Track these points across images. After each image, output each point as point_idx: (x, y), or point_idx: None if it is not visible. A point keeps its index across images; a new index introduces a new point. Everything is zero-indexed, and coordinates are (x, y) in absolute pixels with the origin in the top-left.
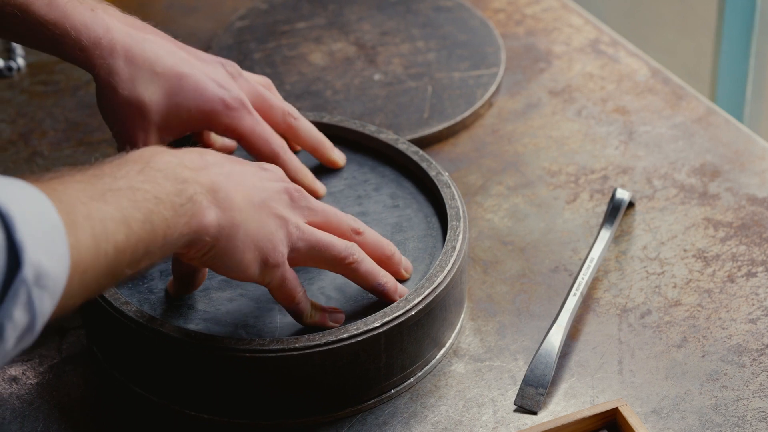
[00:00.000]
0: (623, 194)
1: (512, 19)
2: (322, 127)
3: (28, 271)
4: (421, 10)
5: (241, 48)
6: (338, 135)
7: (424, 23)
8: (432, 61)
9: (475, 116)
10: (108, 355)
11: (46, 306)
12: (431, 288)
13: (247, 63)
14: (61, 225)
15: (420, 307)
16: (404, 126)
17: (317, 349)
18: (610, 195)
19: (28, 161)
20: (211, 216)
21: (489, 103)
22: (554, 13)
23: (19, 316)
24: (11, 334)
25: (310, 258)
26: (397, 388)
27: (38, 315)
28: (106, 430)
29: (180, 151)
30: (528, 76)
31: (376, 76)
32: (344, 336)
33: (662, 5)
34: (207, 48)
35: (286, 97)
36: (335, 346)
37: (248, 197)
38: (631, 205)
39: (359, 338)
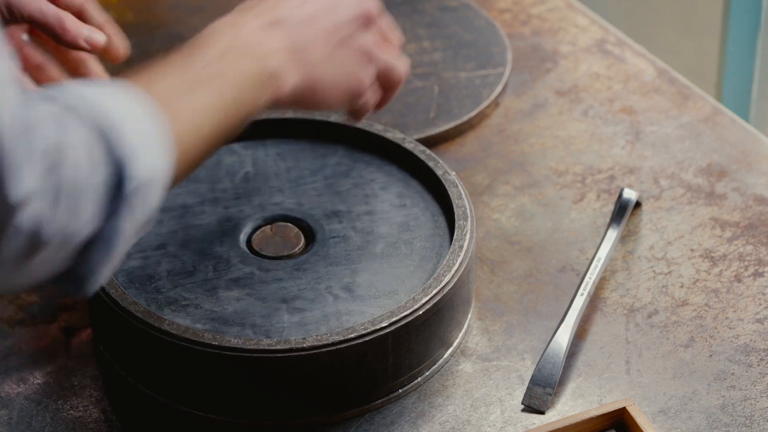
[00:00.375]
0: (630, 194)
1: (518, 19)
2: (328, 126)
3: (131, 184)
4: (427, 10)
5: None
6: (345, 134)
7: (430, 23)
8: (438, 60)
9: (482, 116)
10: (115, 354)
11: (152, 202)
12: (439, 287)
13: None
14: (165, 123)
15: (428, 306)
16: (411, 125)
17: (325, 349)
18: (616, 195)
19: None
20: (293, 81)
21: (495, 103)
22: (560, 13)
23: (126, 226)
24: (120, 242)
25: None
26: (405, 388)
27: (146, 212)
28: (114, 430)
29: (258, 11)
30: (534, 75)
31: None
32: (352, 336)
33: (664, 5)
34: None
35: None
36: (343, 346)
37: (326, 41)
38: (637, 204)
39: (367, 338)
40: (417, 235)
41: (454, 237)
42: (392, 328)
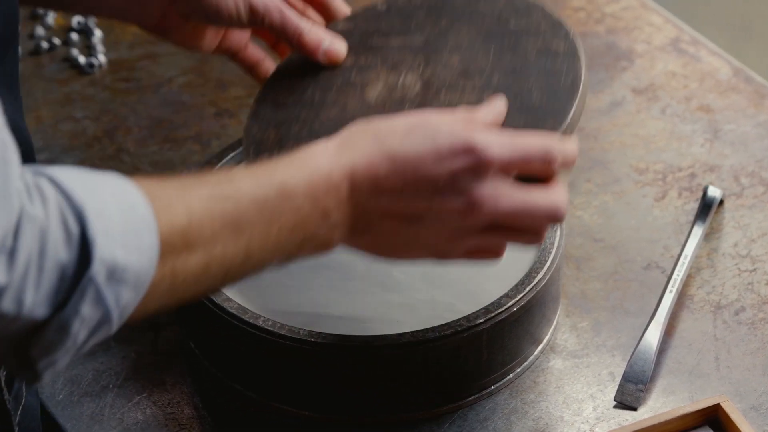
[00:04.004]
0: (715, 192)
1: (592, 18)
2: None
3: (97, 267)
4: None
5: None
6: None
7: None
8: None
9: None
10: (206, 351)
11: (126, 298)
12: (532, 284)
13: (305, 83)
14: (152, 221)
15: (521, 303)
16: None
17: (421, 346)
18: (698, 192)
19: (114, 158)
20: (339, 243)
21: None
22: (634, 12)
23: (87, 311)
24: (79, 329)
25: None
26: (497, 385)
27: (112, 309)
28: (205, 425)
29: (355, 163)
30: (611, 74)
31: None
32: (448, 332)
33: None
34: None
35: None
36: (438, 342)
37: (396, 233)
38: (719, 202)
39: (462, 335)
40: None
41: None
42: (488, 324)
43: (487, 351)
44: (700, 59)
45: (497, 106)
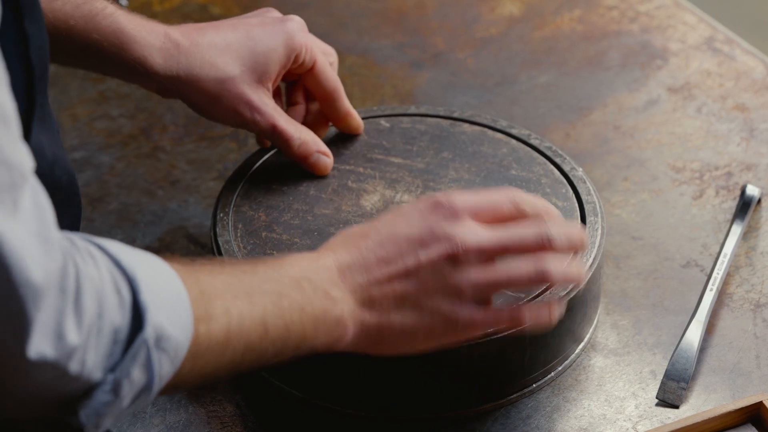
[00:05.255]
0: (753, 190)
1: (626, 16)
2: (447, 119)
3: (149, 331)
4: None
5: None
6: (461, 129)
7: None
8: None
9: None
10: None
11: (165, 369)
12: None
13: (301, 176)
14: (186, 297)
15: (564, 301)
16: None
17: (465, 343)
18: (735, 191)
19: (150, 156)
20: (353, 332)
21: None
22: (667, 10)
23: (137, 375)
24: (128, 392)
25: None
26: (539, 383)
27: (156, 376)
28: (247, 423)
29: (338, 258)
30: (646, 72)
31: None
32: (491, 331)
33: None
34: None
35: (293, 225)
36: (483, 340)
37: (402, 297)
38: (757, 201)
39: (506, 333)
40: None
41: (586, 233)
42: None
43: (530, 349)
44: (735, 58)
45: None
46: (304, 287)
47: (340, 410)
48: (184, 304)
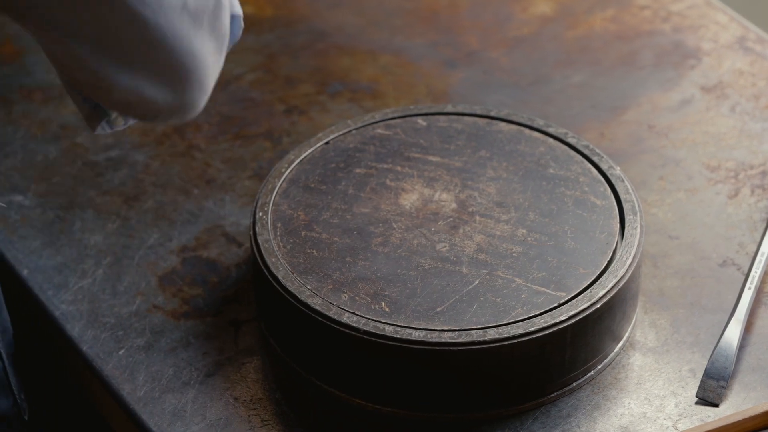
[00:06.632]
0: None
1: (658, 16)
2: (484, 118)
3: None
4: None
5: (354, 156)
6: (498, 128)
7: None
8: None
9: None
10: (287, 347)
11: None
12: (615, 281)
13: (339, 175)
14: None
15: (605, 300)
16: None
17: (506, 342)
18: None
19: (185, 155)
20: None
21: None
22: (699, 10)
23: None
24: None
25: None
26: (579, 381)
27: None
28: (288, 421)
29: None
30: (679, 72)
31: (438, 246)
32: (532, 329)
33: None
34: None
35: (332, 224)
36: (523, 339)
37: None
38: None
39: (547, 331)
40: None
41: (626, 231)
42: (571, 321)
43: (570, 348)
44: (767, 57)
45: None
46: None
47: (380, 409)
48: None
